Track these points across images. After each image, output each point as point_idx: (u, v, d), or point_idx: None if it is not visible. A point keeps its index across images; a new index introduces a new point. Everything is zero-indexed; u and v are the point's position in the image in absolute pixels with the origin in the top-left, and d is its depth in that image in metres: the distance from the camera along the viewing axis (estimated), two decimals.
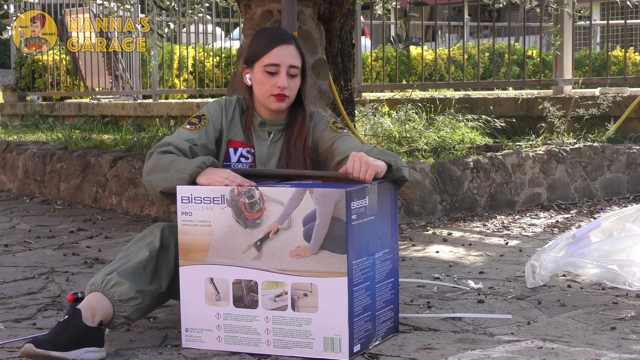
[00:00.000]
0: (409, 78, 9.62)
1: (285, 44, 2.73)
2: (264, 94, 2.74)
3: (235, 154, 2.78)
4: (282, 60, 2.71)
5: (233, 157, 2.78)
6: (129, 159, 5.46)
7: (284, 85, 2.70)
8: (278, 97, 2.72)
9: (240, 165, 2.77)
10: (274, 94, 2.72)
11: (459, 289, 3.24)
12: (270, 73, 2.71)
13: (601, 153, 5.60)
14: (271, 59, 2.72)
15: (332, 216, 2.33)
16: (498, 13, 13.31)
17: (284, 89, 2.71)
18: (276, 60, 2.71)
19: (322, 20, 5.28)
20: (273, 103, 2.73)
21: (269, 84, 2.72)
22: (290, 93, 2.74)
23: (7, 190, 6.51)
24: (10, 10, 8.42)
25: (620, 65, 10.96)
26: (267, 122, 2.79)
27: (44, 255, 4.06)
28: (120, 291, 2.49)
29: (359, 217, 2.38)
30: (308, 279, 2.37)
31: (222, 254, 2.46)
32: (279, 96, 2.72)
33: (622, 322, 2.75)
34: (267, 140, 2.79)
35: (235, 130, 2.79)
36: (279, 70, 2.71)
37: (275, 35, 2.77)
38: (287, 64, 2.71)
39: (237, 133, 2.79)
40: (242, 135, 2.79)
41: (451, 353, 2.44)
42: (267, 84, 2.72)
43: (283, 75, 2.71)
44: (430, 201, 4.86)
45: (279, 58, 2.71)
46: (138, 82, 10.05)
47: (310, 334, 2.38)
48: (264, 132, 2.79)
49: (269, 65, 2.71)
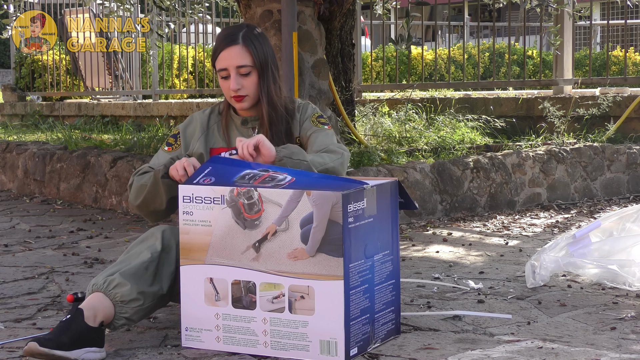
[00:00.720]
0: (409, 78, 9.63)
1: (229, 46, 2.77)
2: (226, 95, 2.82)
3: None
4: (228, 64, 2.76)
5: None
6: (129, 159, 5.46)
7: (234, 88, 2.75)
8: (236, 98, 2.78)
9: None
10: (232, 97, 2.79)
11: (459, 289, 3.24)
12: (223, 77, 2.79)
13: (601, 153, 5.60)
14: (219, 64, 2.78)
15: (329, 219, 2.33)
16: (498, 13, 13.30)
17: (237, 90, 2.76)
18: (223, 65, 2.77)
19: (322, 20, 5.28)
20: (236, 104, 2.81)
21: (226, 87, 2.79)
22: (248, 91, 2.78)
23: (7, 190, 6.51)
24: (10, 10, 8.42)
25: (621, 65, 10.97)
26: (247, 119, 2.85)
27: (44, 255, 4.06)
28: (122, 292, 2.50)
29: (356, 219, 2.38)
30: (305, 281, 2.36)
31: (221, 254, 2.46)
32: (236, 98, 2.78)
33: (622, 322, 2.75)
34: (254, 135, 2.81)
35: (214, 138, 2.85)
36: (228, 74, 2.77)
37: (223, 37, 2.81)
38: (234, 66, 2.76)
39: (216, 140, 2.85)
40: (222, 140, 2.84)
41: (451, 353, 2.44)
42: (225, 87, 2.80)
43: (233, 78, 2.76)
44: (430, 201, 4.86)
45: (225, 62, 2.77)
46: (138, 82, 10.05)
47: (306, 336, 2.38)
48: (247, 130, 2.84)
49: (220, 70, 2.78)
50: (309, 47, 4.88)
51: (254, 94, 2.79)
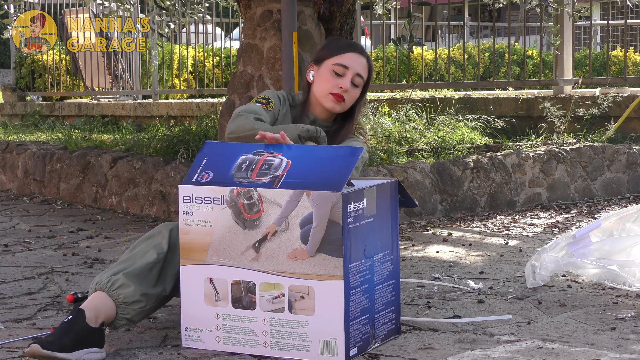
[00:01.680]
0: (409, 78, 9.62)
1: (359, 54, 2.82)
2: (324, 90, 2.79)
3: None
4: (352, 65, 2.79)
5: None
6: (129, 159, 5.46)
7: (346, 87, 2.77)
8: (336, 97, 2.78)
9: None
10: (333, 93, 2.78)
11: (459, 289, 3.24)
12: (336, 73, 2.77)
13: (601, 153, 5.60)
14: (343, 60, 2.78)
15: (328, 219, 2.33)
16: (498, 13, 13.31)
17: (345, 91, 2.76)
18: (347, 63, 2.78)
19: (322, 20, 5.28)
20: (329, 102, 2.79)
21: (332, 83, 2.78)
22: (348, 99, 2.80)
23: (7, 190, 6.51)
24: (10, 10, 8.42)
25: (621, 65, 10.96)
26: (317, 121, 2.84)
27: (44, 255, 4.06)
28: (125, 293, 2.49)
29: (356, 219, 2.38)
30: (305, 281, 2.36)
31: (221, 255, 2.46)
32: (337, 96, 2.78)
33: (622, 322, 2.75)
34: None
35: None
36: (345, 73, 2.78)
37: (352, 44, 2.87)
38: (355, 71, 2.79)
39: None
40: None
41: (451, 353, 2.44)
42: (330, 82, 2.78)
43: (348, 78, 2.77)
44: (430, 201, 4.86)
45: (350, 62, 2.79)
46: (138, 82, 10.05)
47: (306, 336, 2.38)
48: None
49: (339, 65, 2.78)
50: (309, 47, 4.88)
51: (349, 104, 2.82)
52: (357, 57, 2.80)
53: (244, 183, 2.43)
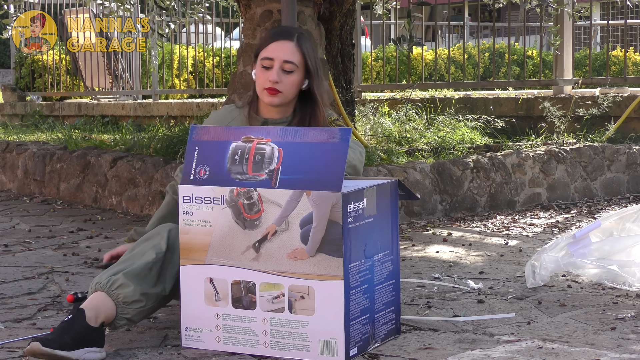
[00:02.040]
0: (409, 78, 9.62)
1: (284, 40, 2.75)
2: (259, 87, 2.77)
3: None
4: (276, 55, 2.73)
5: None
6: (129, 159, 5.46)
7: (274, 79, 2.72)
8: (270, 91, 2.74)
9: None
10: (266, 88, 2.74)
11: (459, 289, 3.24)
12: (265, 67, 2.74)
13: (601, 153, 5.60)
14: (267, 52, 2.75)
15: (328, 219, 2.33)
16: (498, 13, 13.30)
17: (275, 82, 2.72)
18: (270, 54, 2.74)
19: (322, 20, 5.28)
20: (266, 97, 2.76)
21: (263, 78, 2.75)
22: (284, 89, 2.74)
23: (7, 190, 6.51)
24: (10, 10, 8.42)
25: (620, 65, 10.96)
26: (268, 121, 2.81)
27: (44, 255, 4.06)
28: (125, 293, 2.49)
29: (356, 219, 2.38)
30: (305, 281, 2.36)
31: (221, 255, 2.46)
32: (270, 90, 2.73)
33: (622, 322, 2.75)
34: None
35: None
36: (272, 65, 2.73)
37: (278, 31, 2.81)
38: (281, 59, 2.73)
39: None
40: None
41: (451, 353, 2.44)
42: (261, 78, 2.75)
43: (275, 69, 2.72)
44: (430, 201, 4.86)
45: (273, 52, 2.73)
46: (138, 82, 10.05)
47: (306, 336, 2.38)
48: None
49: (265, 59, 2.74)
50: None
51: (288, 93, 2.76)
52: (282, 44, 2.74)
53: (242, 181, 2.42)
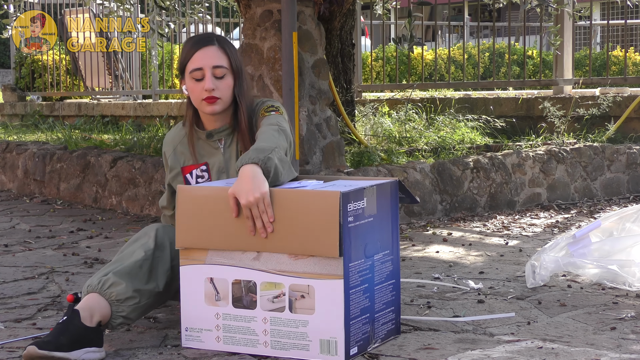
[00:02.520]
0: (409, 78, 9.62)
1: (205, 46, 2.71)
2: (196, 100, 2.73)
3: (192, 177, 2.80)
4: (204, 63, 2.69)
5: (191, 180, 2.80)
6: (129, 159, 5.46)
7: (210, 87, 2.68)
8: (208, 100, 2.70)
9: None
10: (204, 98, 2.70)
11: (459, 289, 3.24)
12: (197, 79, 2.70)
13: (601, 153, 5.60)
14: (194, 63, 2.70)
15: None
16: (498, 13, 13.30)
17: (212, 90, 2.68)
18: (199, 64, 2.69)
19: (322, 20, 5.28)
20: (206, 107, 2.72)
21: (198, 89, 2.70)
22: (222, 94, 2.71)
23: (7, 190, 6.51)
24: (10, 10, 8.42)
25: (620, 65, 10.96)
26: (212, 132, 2.78)
27: (44, 255, 4.06)
28: (117, 291, 2.49)
29: (356, 219, 2.38)
30: (305, 280, 2.36)
31: (222, 254, 2.45)
32: (209, 99, 2.70)
33: (622, 322, 2.75)
34: (220, 148, 2.78)
35: (183, 156, 2.81)
36: (203, 74, 2.69)
37: (196, 40, 2.77)
38: (210, 65, 2.69)
39: (186, 158, 2.81)
40: (190, 157, 2.79)
41: (451, 353, 2.44)
42: (196, 90, 2.71)
43: (208, 77, 2.68)
44: (430, 201, 4.86)
45: (201, 61, 2.69)
46: (138, 82, 10.05)
47: (306, 336, 2.38)
48: (215, 142, 2.78)
49: (194, 70, 2.70)
50: (309, 47, 4.88)
51: (227, 97, 2.73)
52: (205, 51, 2.70)
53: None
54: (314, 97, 4.84)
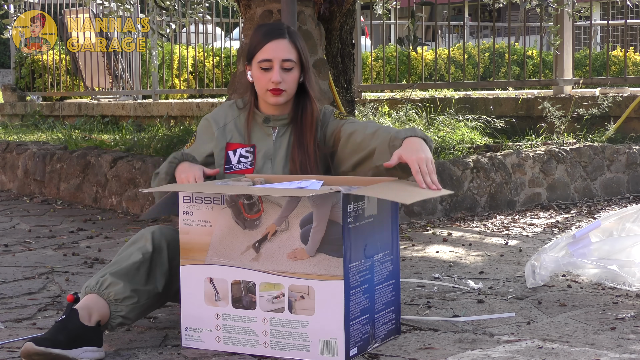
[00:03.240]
0: (409, 78, 9.62)
1: (277, 39, 2.76)
2: (261, 89, 2.78)
3: (235, 155, 2.81)
4: (274, 56, 2.74)
5: (233, 158, 2.81)
6: (129, 159, 5.46)
7: (277, 80, 2.73)
8: (274, 91, 2.75)
9: (241, 165, 2.79)
10: (269, 89, 2.75)
11: (459, 289, 3.24)
12: (264, 69, 2.75)
13: (601, 153, 5.60)
14: (264, 54, 2.75)
15: (328, 219, 2.33)
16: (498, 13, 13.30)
17: (278, 83, 2.74)
18: (268, 56, 2.74)
19: (322, 20, 5.28)
20: (270, 98, 2.77)
21: (265, 80, 2.75)
22: (287, 87, 2.76)
23: (7, 190, 6.51)
24: (11, 10, 8.42)
25: (620, 65, 10.97)
26: (270, 118, 2.82)
27: (44, 255, 4.06)
28: (115, 291, 2.49)
29: (356, 219, 2.38)
30: (305, 281, 2.36)
31: (221, 254, 2.46)
32: (274, 91, 2.75)
33: (622, 322, 2.75)
34: (272, 135, 2.82)
35: (231, 133, 2.83)
36: (272, 66, 2.74)
37: (268, 31, 2.80)
38: (279, 59, 2.74)
39: (234, 136, 2.83)
40: (240, 136, 2.82)
41: (451, 353, 2.44)
42: (263, 80, 2.76)
43: (276, 70, 2.74)
44: (430, 201, 4.86)
45: (271, 53, 2.74)
46: (138, 82, 10.05)
47: (306, 336, 2.38)
48: (269, 128, 2.82)
49: (263, 61, 2.75)
50: (309, 47, 4.88)
51: (291, 90, 2.79)
52: (277, 43, 2.75)
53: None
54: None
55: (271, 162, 2.79)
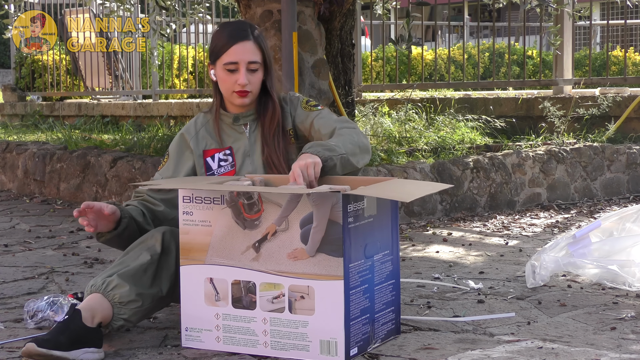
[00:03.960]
0: (409, 78, 9.62)
1: (242, 41, 2.76)
2: (227, 90, 2.80)
3: (214, 160, 2.83)
4: (240, 58, 2.75)
5: (213, 164, 2.83)
6: (129, 159, 5.46)
7: (244, 82, 2.75)
8: (240, 93, 2.77)
9: (222, 169, 2.81)
10: (235, 91, 2.77)
11: (459, 289, 3.24)
12: (230, 71, 2.76)
13: (601, 153, 5.60)
14: (230, 57, 2.76)
15: (328, 219, 2.33)
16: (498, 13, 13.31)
17: (245, 85, 2.75)
18: (235, 58, 2.75)
19: (322, 20, 5.28)
20: (237, 99, 2.79)
21: (231, 81, 2.77)
22: (253, 88, 2.78)
23: (7, 190, 6.51)
24: (11, 10, 8.42)
25: (620, 65, 10.96)
26: (239, 116, 2.84)
27: (44, 255, 4.06)
28: (120, 293, 2.49)
29: (355, 219, 2.38)
30: (305, 281, 2.36)
31: (221, 255, 2.46)
32: (240, 92, 2.77)
33: (622, 322, 2.75)
34: (245, 132, 2.83)
35: (205, 140, 2.84)
36: (238, 68, 2.75)
37: (233, 32, 2.80)
38: (245, 61, 2.75)
39: (207, 141, 2.84)
40: (213, 140, 2.84)
41: (451, 353, 2.44)
42: (228, 82, 2.77)
43: (242, 73, 2.75)
44: (430, 201, 4.86)
45: (238, 56, 2.75)
46: (138, 82, 10.05)
47: (306, 336, 2.38)
48: (240, 127, 2.84)
49: (229, 63, 2.76)
50: (309, 47, 4.88)
51: (257, 90, 2.81)
52: (241, 45, 2.75)
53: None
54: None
55: (250, 158, 2.81)
